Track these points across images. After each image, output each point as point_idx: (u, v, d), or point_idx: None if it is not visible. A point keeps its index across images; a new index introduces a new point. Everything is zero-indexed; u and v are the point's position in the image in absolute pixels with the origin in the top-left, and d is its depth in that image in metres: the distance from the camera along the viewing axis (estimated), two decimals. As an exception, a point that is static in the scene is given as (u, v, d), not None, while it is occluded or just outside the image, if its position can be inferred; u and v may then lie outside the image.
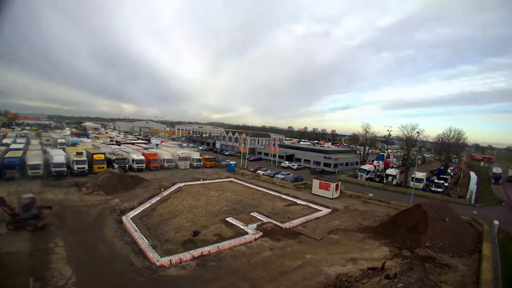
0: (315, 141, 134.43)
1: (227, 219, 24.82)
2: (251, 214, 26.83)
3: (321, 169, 58.38)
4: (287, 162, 63.42)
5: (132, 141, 72.93)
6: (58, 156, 37.55)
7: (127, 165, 43.34)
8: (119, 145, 59.47)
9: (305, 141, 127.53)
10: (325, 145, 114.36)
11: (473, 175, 72.61)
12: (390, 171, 50.84)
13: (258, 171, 49.20)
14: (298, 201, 32.84)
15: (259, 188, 38.01)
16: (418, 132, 46.25)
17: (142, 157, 45.32)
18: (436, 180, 49.51)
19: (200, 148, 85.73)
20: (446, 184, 49.28)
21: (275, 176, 45.90)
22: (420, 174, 45.80)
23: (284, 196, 34.66)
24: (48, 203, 23.53)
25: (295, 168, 58.98)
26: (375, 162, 59.33)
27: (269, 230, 22.90)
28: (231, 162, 51.83)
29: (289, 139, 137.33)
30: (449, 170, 61.07)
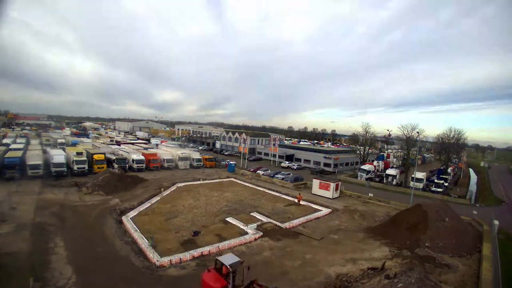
0: (315, 141, 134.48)
1: (227, 219, 24.82)
2: (251, 214, 26.83)
3: (321, 169, 58.39)
4: (287, 162, 63.42)
5: (132, 141, 72.96)
6: (58, 156, 37.53)
7: (127, 165, 43.31)
8: (119, 145, 59.49)
9: (305, 141, 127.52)
10: (325, 145, 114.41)
11: (473, 175, 72.64)
12: (390, 171, 50.85)
13: (258, 171, 49.20)
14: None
15: (259, 188, 38.02)
16: (418, 132, 46.26)
17: (142, 157, 45.31)
18: (436, 180, 49.52)
19: (200, 148, 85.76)
20: (446, 184, 49.29)
21: (275, 176, 45.91)
22: (420, 174, 45.79)
23: (284, 196, 34.67)
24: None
25: (295, 168, 58.99)
26: (375, 162, 59.31)
27: (269, 230, 22.90)
28: (231, 162, 51.82)
29: (289, 139, 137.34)
30: (449, 170, 61.10)
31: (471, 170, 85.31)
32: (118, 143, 63.80)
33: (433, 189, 44.67)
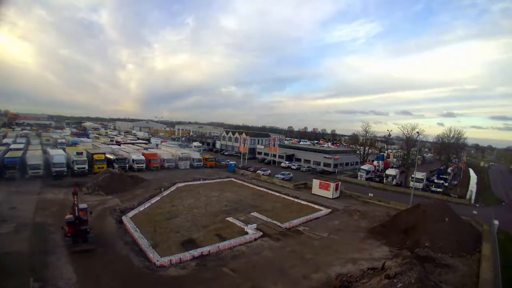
0: (315, 141, 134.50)
1: (227, 219, 24.83)
2: (251, 214, 26.83)
3: (321, 169, 58.35)
4: (287, 162, 63.33)
5: (132, 141, 72.94)
6: (58, 156, 37.57)
7: (127, 165, 43.34)
8: (119, 145, 59.50)
9: (305, 141, 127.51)
10: (325, 145, 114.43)
11: (473, 175, 72.64)
12: (390, 171, 50.84)
13: (258, 171, 49.18)
14: (298, 201, 32.82)
15: (259, 188, 38.03)
16: (418, 132, 46.25)
17: (142, 157, 45.31)
18: (436, 180, 49.54)
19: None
20: (446, 184, 49.32)
21: (275, 176, 45.88)
22: (420, 174, 45.80)
23: (284, 196, 34.66)
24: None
25: (295, 168, 58.92)
26: (375, 162, 59.37)
27: (269, 230, 22.87)
28: (231, 162, 51.82)
29: (289, 139, 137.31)
30: (449, 170, 61.14)
31: (471, 170, 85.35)
32: (118, 143, 63.83)
33: (433, 189, 44.67)
